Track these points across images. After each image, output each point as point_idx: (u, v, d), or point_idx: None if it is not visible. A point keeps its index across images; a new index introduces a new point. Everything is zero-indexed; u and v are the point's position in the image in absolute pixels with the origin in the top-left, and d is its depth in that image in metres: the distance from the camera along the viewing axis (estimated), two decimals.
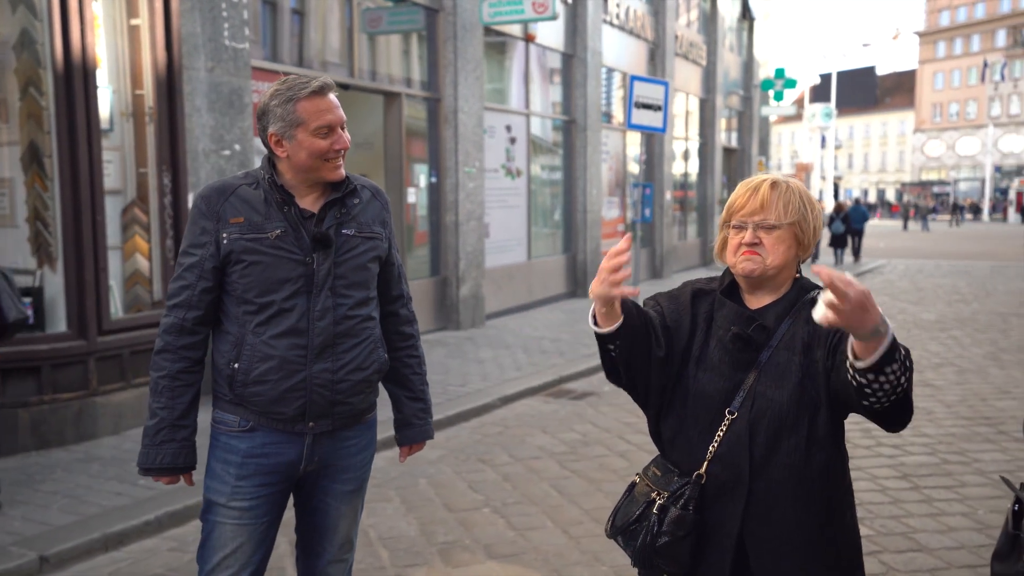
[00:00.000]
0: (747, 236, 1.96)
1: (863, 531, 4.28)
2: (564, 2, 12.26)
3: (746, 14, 21.24)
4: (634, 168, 15.57)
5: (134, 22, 5.84)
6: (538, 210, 12.43)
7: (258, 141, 7.24)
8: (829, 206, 30.58)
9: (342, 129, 2.28)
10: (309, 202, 2.31)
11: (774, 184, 1.99)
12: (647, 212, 9.90)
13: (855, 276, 1.65)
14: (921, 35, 77.39)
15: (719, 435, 1.93)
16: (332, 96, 2.27)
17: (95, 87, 5.44)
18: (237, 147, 6.68)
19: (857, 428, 6.20)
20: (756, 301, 2.04)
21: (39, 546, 3.93)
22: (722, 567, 1.93)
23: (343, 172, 2.32)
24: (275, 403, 2.26)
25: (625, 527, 2.03)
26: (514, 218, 11.68)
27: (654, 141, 15.13)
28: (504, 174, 11.34)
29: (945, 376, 8.01)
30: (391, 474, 5.24)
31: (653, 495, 2.00)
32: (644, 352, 1.98)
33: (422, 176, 9.83)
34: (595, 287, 1.85)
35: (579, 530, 4.32)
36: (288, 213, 2.26)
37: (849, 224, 20.04)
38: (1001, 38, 70.70)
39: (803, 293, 2.01)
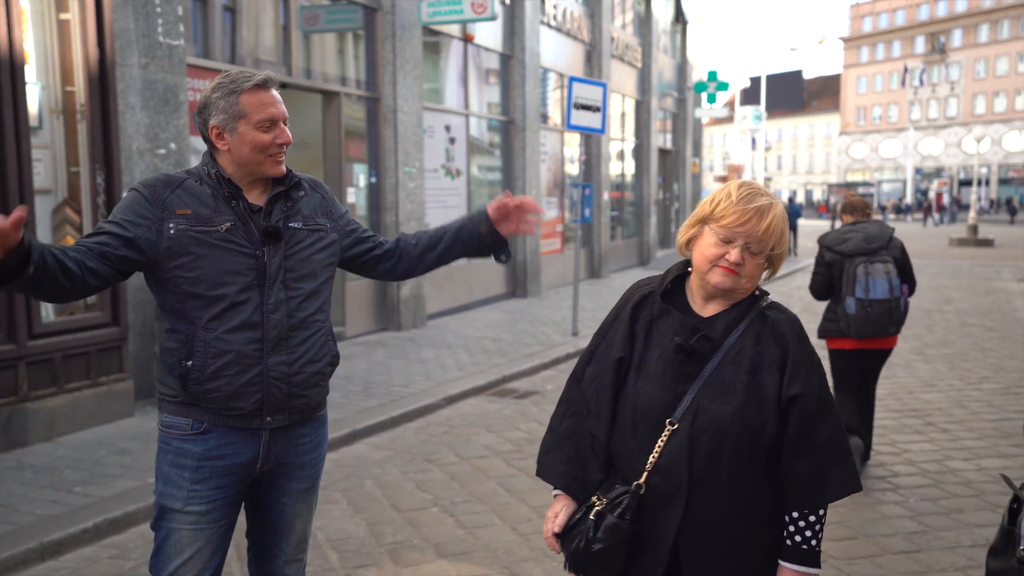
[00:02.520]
0: (734, 255, 1.89)
1: None
2: (502, 3, 12.30)
3: (679, 17, 21.60)
4: (571, 169, 15.70)
5: (63, 16, 5.66)
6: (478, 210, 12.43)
7: (195, 140, 7.09)
8: None
9: (284, 124, 2.28)
10: (254, 197, 2.30)
11: (779, 215, 1.92)
12: (587, 212, 9.99)
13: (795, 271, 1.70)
14: (845, 40, 79.71)
15: (659, 446, 1.90)
16: (275, 91, 2.27)
17: (23, 83, 5.27)
18: (173, 146, 6.54)
19: None
20: (707, 308, 1.98)
21: None
22: None
23: (284, 168, 2.31)
24: (232, 398, 2.23)
25: (565, 533, 2.00)
26: (454, 218, 11.65)
27: (592, 142, 15.28)
28: (444, 174, 11.32)
29: None
30: (336, 476, 5.19)
31: (594, 499, 1.97)
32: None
33: (362, 176, 9.75)
34: None
35: (528, 527, 4.35)
36: (236, 207, 2.25)
37: (790, 221, 21.20)
38: (920, 44, 73.28)
39: (755, 303, 1.98)
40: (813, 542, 1.90)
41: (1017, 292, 14.80)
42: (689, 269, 2.02)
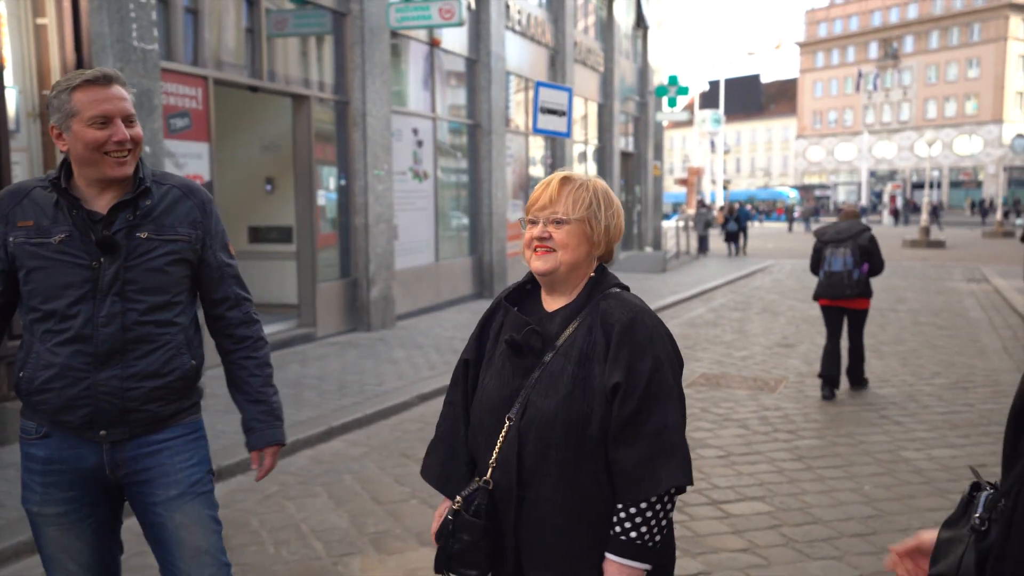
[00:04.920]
0: (537, 230, 1.93)
1: (765, 507, 4.65)
2: (468, 8, 12.47)
3: (640, 22, 21.94)
4: (534, 171, 15.91)
5: (40, 21, 5.73)
6: (445, 212, 12.60)
7: (169, 143, 7.18)
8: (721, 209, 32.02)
9: (128, 123, 2.16)
10: (103, 204, 2.20)
11: (566, 179, 1.96)
12: None
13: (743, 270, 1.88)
14: (801, 45, 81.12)
15: (499, 441, 1.92)
16: (117, 88, 2.15)
17: (1, 87, 5.33)
18: (148, 149, 6.61)
19: (755, 416, 6.63)
20: (552, 303, 2.01)
21: None
22: (508, 572, 1.94)
23: (129, 169, 2.19)
24: (60, 411, 2.19)
25: (436, 534, 2.01)
26: (422, 220, 11.82)
27: (556, 145, 15.52)
28: (412, 177, 11.46)
29: None
30: (315, 471, 5.33)
31: (458, 498, 1.96)
32: None
33: (331, 179, 9.86)
34: None
35: None
36: (76, 216, 2.16)
37: (740, 223, 24.04)
38: (873, 50, 74.87)
39: (594, 295, 1.96)
40: (637, 534, 1.82)
41: (967, 292, 15.31)
42: None
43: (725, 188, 55.43)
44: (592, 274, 1.99)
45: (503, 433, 1.91)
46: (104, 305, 2.17)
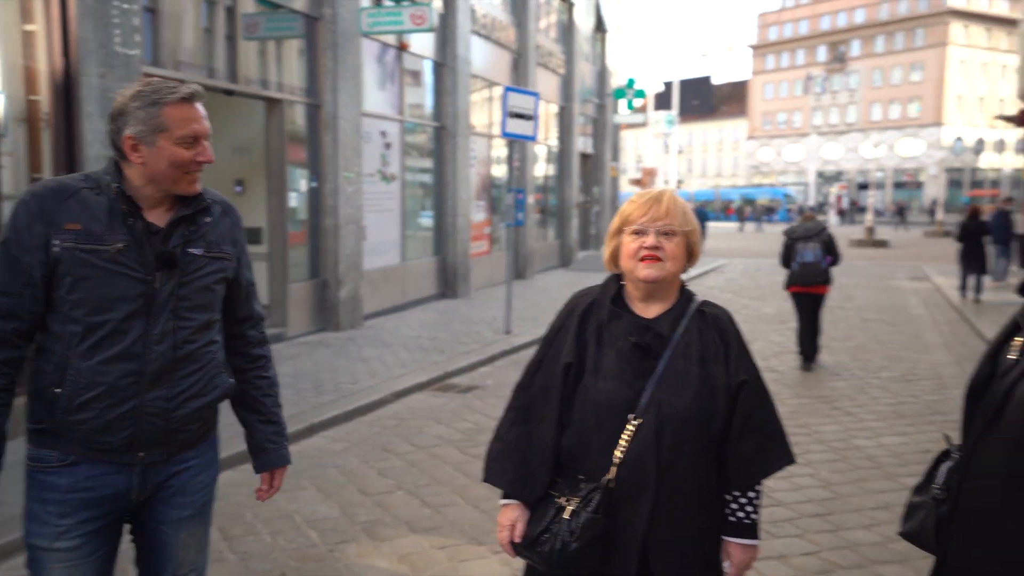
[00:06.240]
0: (650, 240, 2.06)
1: None
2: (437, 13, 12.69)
3: (599, 26, 22.32)
4: (497, 172, 16.17)
5: (29, 28, 5.84)
6: (411, 214, 12.81)
7: None
8: None
9: (207, 141, 2.15)
10: (156, 215, 2.13)
11: (671, 195, 2.13)
12: (519, 216, 10.48)
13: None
14: (753, 48, 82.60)
15: (624, 441, 2.01)
16: (200, 106, 2.13)
17: None
18: None
19: None
20: (648, 310, 2.12)
21: None
22: (630, 567, 2.01)
23: (199, 187, 2.17)
24: (100, 432, 2.08)
25: (534, 539, 2.05)
26: (389, 221, 12.02)
27: (520, 148, 15.79)
28: (380, 179, 11.65)
29: (786, 363, 9.02)
30: (301, 465, 5.53)
31: (562, 501, 2.03)
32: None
33: (303, 181, 10.02)
34: None
35: (489, 504, 4.79)
36: (132, 226, 2.08)
37: (699, 222, 24.91)
38: (822, 53, 76.59)
39: (690, 302, 2.14)
40: (754, 516, 2.07)
41: (910, 290, 15.97)
42: (622, 283, 2.18)
43: (679, 187, 56.25)
44: (680, 282, 2.17)
45: (629, 432, 2.01)
46: (159, 322, 2.09)
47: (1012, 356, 1.46)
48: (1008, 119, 27.88)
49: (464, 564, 4.03)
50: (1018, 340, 1.47)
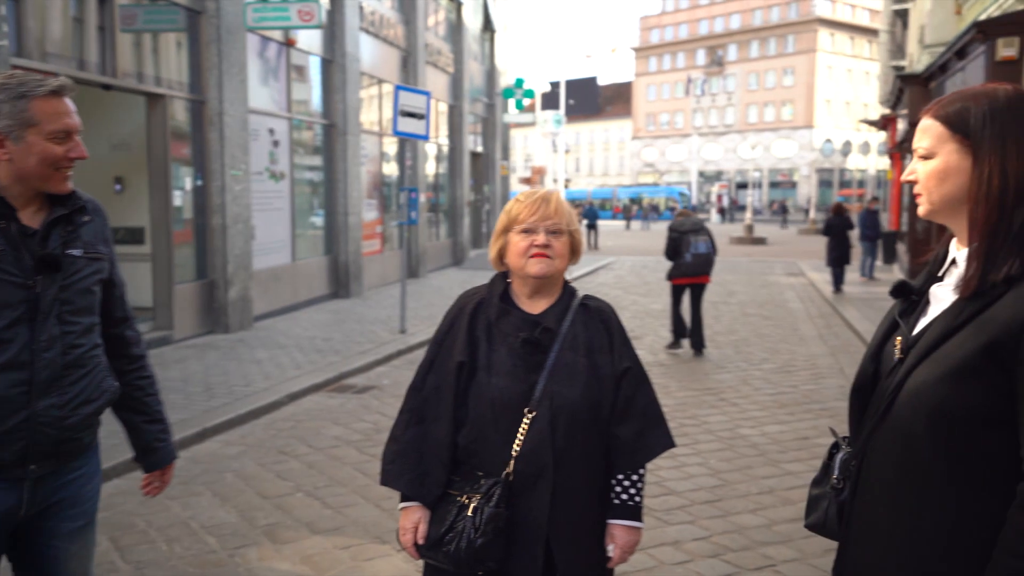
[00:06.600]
0: (541, 239, 2.12)
1: None
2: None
3: (488, 25, 22.46)
4: (387, 170, 16.07)
5: None
6: (301, 213, 12.59)
7: None
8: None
9: (79, 137, 2.06)
10: (28, 216, 2.03)
11: (558, 196, 2.21)
12: (413, 215, 10.46)
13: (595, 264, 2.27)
14: (636, 50, 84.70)
15: (521, 434, 2.06)
16: (69, 100, 2.04)
17: None
18: None
19: None
20: (534, 306, 2.19)
21: None
22: (534, 556, 2.06)
23: (71, 184, 2.08)
24: None
25: (439, 539, 2.07)
26: (278, 220, 11.78)
27: (411, 146, 15.75)
28: (268, 177, 11.41)
29: (674, 356, 9.35)
30: (194, 471, 5.40)
31: (463, 499, 2.06)
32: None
33: (187, 179, 9.71)
34: None
35: (390, 503, 4.78)
36: (6, 229, 1.98)
37: (590, 220, 28.60)
38: (701, 57, 79.29)
39: (572, 297, 2.23)
40: (637, 498, 2.17)
41: (787, 285, 16.76)
42: (508, 280, 2.24)
43: (566, 186, 57.16)
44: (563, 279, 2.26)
45: (525, 425, 2.07)
46: (45, 328, 2.00)
47: (897, 355, 1.58)
48: (872, 123, 29.66)
49: (369, 563, 4.03)
50: (899, 339, 1.60)
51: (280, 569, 3.97)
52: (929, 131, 1.55)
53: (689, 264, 9.19)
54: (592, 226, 29.22)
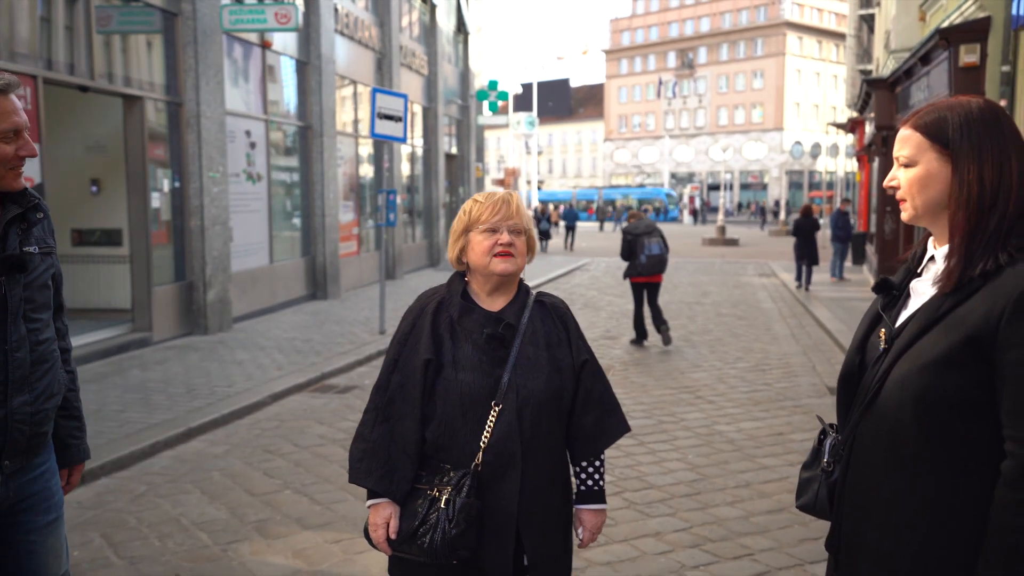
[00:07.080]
0: (504, 238, 2.20)
1: (608, 478, 5.29)
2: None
3: (461, 27, 22.56)
4: (363, 172, 16.11)
5: None
6: (278, 214, 12.61)
7: None
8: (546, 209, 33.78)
9: (27, 134, 2.06)
10: None
11: (517, 197, 2.30)
12: (391, 217, 10.54)
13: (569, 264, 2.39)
14: (607, 53, 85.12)
15: (489, 426, 2.14)
16: (15, 97, 2.03)
17: None
18: None
19: None
20: (494, 304, 2.27)
21: None
22: (506, 543, 2.15)
23: (24, 182, 2.09)
24: None
25: (412, 533, 2.12)
26: (256, 222, 11.79)
27: (387, 148, 15.78)
28: (245, 179, 11.43)
29: (651, 356, 9.51)
30: (181, 470, 5.45)
31: (433, 493, 2.12)
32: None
33: (165, 181, 9.71)
34: None
35: None
36: None
37: (569, 222, 29.58)
38: (672, 59, 79.83)
39: (528, 294, 2.32)
40: (601, 482, 2.31)
41: (759, 285, 17.02)
42: (466, 279, 2.31)
43: (540, 188, 57.44)
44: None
45: (493, 417, 2.15)
46: (16, 328, 2.02)
47: (882, 345, 1.71)
48: (840, 126, 30.15)
49: (360, 556, 4.12)
50: (883, 331, 1.73)
51: (274, 563, 4.06)
52: (909, 140, 1.68)
53: (644, 265, 9.66)
54: (571, 228, 29.46)
